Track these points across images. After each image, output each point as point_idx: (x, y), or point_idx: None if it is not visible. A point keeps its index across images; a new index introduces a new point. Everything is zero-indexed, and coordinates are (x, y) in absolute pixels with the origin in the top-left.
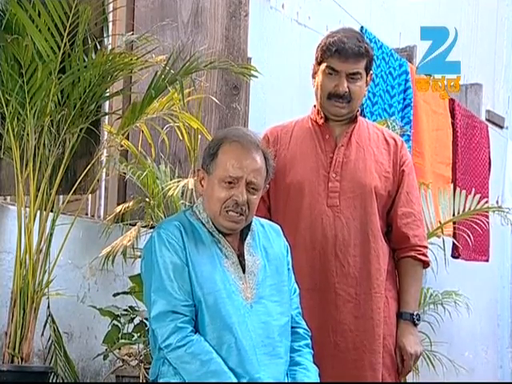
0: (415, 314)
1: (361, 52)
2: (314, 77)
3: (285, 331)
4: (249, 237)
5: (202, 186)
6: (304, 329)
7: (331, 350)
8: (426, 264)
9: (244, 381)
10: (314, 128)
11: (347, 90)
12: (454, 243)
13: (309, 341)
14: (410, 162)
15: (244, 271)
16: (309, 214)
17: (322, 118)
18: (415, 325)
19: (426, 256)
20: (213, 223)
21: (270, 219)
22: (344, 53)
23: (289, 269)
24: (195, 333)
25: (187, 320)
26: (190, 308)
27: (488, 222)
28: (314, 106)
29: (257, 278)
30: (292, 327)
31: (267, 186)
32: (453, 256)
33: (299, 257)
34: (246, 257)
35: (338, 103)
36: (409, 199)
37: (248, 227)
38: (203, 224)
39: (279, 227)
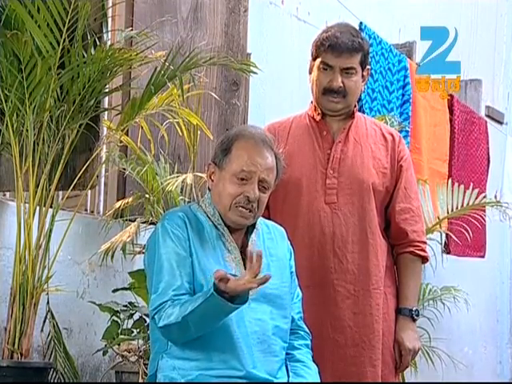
0: (414, 309)
1: (354, 46)
2: (310, 73)
3: (280, 331)
4: (253, 235)
5: (212, 180)
6: (305, 331)
7: (330, 346)
8: (424, 259)
9: (240, 374)
10: (311, 124)
11: (341, 84)
12: (446, 239)
13: (309, 342)
14: (407, 158)
15: (245, 267)
16: (307, 211)
17: (318, 114)
18: (414, 320)
19: (425, 251)
20: (220, 217)
21: (269, 216)
22: (337, 47)
23: (292, 272)
24: None
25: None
26: (188, 297)
27: (484, 218)
28: (311, 103)
29: (258, 275)
30: (293, 329)
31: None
32: (444, 252)
33: (298, 254)
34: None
35: (332, 98)
36: (407, 195)
37: (253, 225)
38: (209, 217)
39: (284, 230)
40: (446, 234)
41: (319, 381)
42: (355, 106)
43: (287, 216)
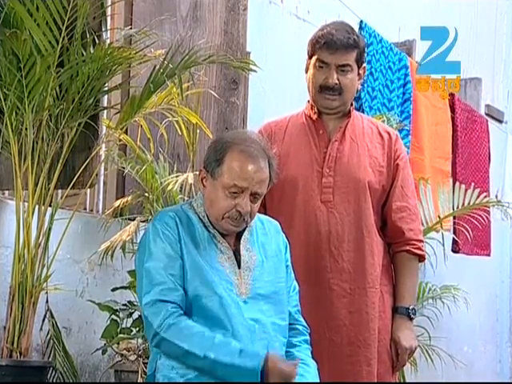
0: (411, 308)
1: (349, 43)
2: (306, 71)
3: (279, 328)
4: (246, 232)
5: (204, 185)
6: (303, 325)
7: (326, 345)
8: (421, 258)
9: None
10: (307, 123)
11: (337, 81)
12: (454, 237)
13: (307, 337)
14: (404, 156)
15: (239, 266)
16: (303, 210)
17: (315, 113)
18: (411, 319)
19: (422, 250)
20: (209, 220)
21: (265, 214)
22: (332, 44)
23: (287, 265)
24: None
25: (177, 306)
26: (181, 297)
27: (488, 217)
28: (308, 101)
29: (253, 273)
30: (290, 324)
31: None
32: (453, 251)
33: (293, 253)
34: (241, 252)
35: (328, 96)
36: (403, 193)
37: None
38: (200, 219)
39: (278, 224)
40: (454, 233)
41: (319, 378)
42: (351, 105)
43: (283, 215)
